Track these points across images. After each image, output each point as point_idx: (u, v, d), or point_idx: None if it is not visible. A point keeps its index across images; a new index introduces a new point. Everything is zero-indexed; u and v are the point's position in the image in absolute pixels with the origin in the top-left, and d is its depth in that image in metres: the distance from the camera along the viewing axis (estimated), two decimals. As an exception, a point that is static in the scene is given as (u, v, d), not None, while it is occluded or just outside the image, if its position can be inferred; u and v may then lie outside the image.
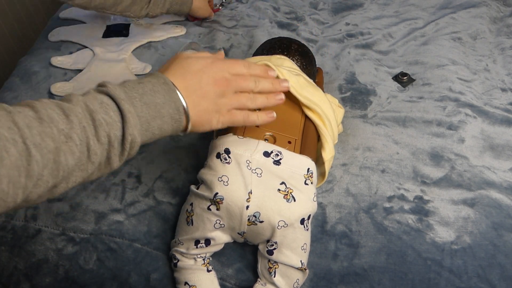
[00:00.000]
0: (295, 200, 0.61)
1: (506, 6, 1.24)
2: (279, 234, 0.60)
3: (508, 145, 0.86)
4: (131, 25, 1.10)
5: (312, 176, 0.65)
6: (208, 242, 0.63)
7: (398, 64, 1.04)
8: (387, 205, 0.74)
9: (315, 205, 0.64)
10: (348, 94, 0.95)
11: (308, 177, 0.64)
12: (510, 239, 0.71)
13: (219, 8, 1.19)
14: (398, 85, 0.98)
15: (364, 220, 0.72)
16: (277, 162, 0.63)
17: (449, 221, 0.73)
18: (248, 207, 0.59)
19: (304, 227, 0.62)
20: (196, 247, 0.63)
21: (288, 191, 0.61)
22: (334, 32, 1.14)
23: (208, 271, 0.64)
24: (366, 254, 0.68)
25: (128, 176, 0.75)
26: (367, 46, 1.09)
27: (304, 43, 0.87)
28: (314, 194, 0.64)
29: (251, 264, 0.67)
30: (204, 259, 0.65)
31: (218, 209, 0.60)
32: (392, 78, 1.00)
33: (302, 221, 0.62)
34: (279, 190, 0.61)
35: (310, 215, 0.63)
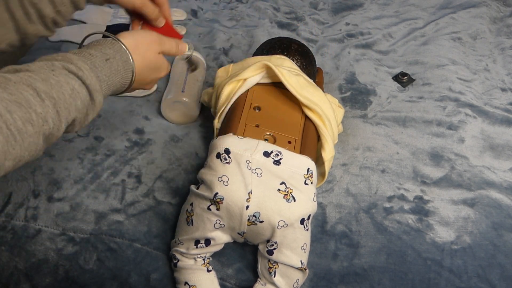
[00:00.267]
0: (295, 200, 0.61)
1: (506, 6, 1.24)
2: (279, 234, 0.60)
3: (508, 145, 0.86)
4: (131, 25, 1.10)
5: (312, 176, 0.65)
6: (208, 242, 0.63)
7: (398, 64, 1.04)
8: (387, 205, 0.74)
9: (315, 205, 0.64)
10: (348, 94, 0.95)
11: (308, 177, 0.64)
12: (510, 239, 0.71)
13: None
14: (398, 85, 0.98)
15: (364, 220, 0.72)
16: (277, 162, 0.63)
17: (449, 221, 0.73)
18: (248, 207, 0.59)
19: (304, 227, 0.62)
20: (196, 247, 0.63)
21: (288, 191, 0.61)
22: (334, 32, 1.14)
23: (208, 271, 0.64)
24: (366, 254, 0.68)
25: (128, 176, 0.75)
26: (367, 46, 1.09)
27: (304, 43, 0.87)
28: (314, 194, 0.64)
29: (251, 264, 0.67)
30: (204, 259, 0.65)
31: (218, 209, 0.60)
32: (392, 78, 1.00)
33: (302, 221, 0.62)
34: (279, 190, 0.61)
35: (310, 215, 0.63)
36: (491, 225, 0.72)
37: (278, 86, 0.74)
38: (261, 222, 0.60)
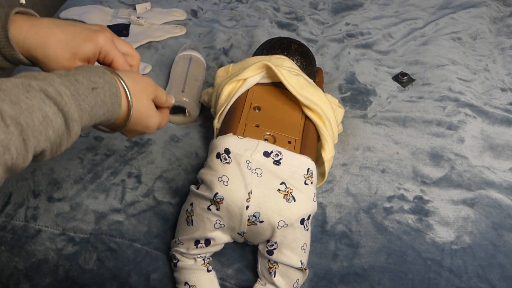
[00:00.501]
0: (295, 200, 0.61)
1: (506, 6, 1.24)
2: (279, 234, 0.61)
3: (508, 145, 0.86)
4: (131, 25, 1.10)
5: (312, 176, 0.65)
6: (208, 242, 0.63)
7: (398, 64, 1.04)
8: (387, 205, 0.74)
9: (315, 205, 0.64)
10: (348, 94, 0.95)
11: (308, 177, 0.64)
12: (510, 239, 0.71)
13: None
14: (398, 85, 0.98)
15: (364, 220, 0.72)
16: (277, 162, 0.63)
17: (449, 221, 0.73)
18: (248, 207, 0.59)
19: (304, 227, 0.62)
20: (196, 247, 0.63)
21: (288, 191, 0.61)
22: (334, 32, 1.14)
23: (208, 271, 0.64)
24: (366, 254, 0.68)
25: (128, 176, 0.75)
26: (367, 46, 1.09)
27: (304, 43, 0.87)
28: (314, 194, 0.64)
29: (251, 264, 0.67)
30: (204, 259, 0.65)
31: (218, 209, 0.60)
32: (392, 78, 1.00)
33: (302, 221, 0.62)
34: (279, 190, 0.61)
35: (310, 215, 0.63)
36: (491, 225, 0.72)
37: (278, 86, 0.74)
38: (261, 222, 0.60)
